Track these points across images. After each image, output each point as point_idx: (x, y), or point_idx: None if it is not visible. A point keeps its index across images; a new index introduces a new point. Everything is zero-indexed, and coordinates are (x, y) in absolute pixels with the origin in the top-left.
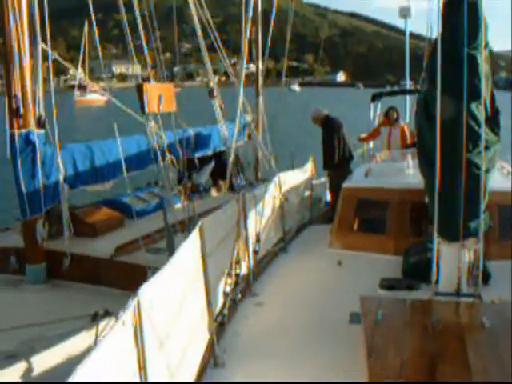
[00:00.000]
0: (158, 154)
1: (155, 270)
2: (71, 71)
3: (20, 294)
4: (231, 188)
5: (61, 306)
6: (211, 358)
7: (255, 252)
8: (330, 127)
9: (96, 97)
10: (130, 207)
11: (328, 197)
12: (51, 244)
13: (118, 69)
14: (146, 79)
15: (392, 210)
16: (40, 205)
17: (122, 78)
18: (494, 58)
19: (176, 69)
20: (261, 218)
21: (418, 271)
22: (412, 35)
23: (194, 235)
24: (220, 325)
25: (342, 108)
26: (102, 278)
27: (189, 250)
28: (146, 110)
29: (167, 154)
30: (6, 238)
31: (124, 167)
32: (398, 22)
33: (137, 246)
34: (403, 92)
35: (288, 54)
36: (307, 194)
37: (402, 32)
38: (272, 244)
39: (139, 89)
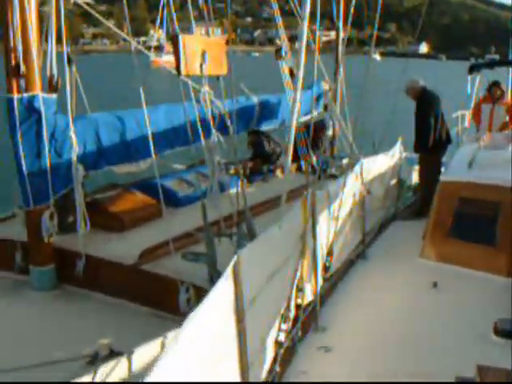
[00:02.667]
0: (212, 126)
1: (189, 286)
2: (151, 31)
3: (18, 304)
4: (299, 168)
5: (64, 329)
6: None
7: (325, 269)
8: (426, 102)
9: (172, 58)
10: (172, 193)
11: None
12: (64, 240)
13: (198, 31)
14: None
15: (505, 215)
16: (47, 192)
17: None
18: None
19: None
20: (336, 221)
21: None
22: (499, 5)
23: (225, 279)
24: None
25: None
26: (124, 289)
27: (216, 302)
28: (183, 70)
29: (213, 128)
30: (13, 227)
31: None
32: None
33: (170, 248)
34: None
35: (370, 23)
36: (393, 182)
37: (488, 3)
38: (349, 251)
39: (174, 42)
